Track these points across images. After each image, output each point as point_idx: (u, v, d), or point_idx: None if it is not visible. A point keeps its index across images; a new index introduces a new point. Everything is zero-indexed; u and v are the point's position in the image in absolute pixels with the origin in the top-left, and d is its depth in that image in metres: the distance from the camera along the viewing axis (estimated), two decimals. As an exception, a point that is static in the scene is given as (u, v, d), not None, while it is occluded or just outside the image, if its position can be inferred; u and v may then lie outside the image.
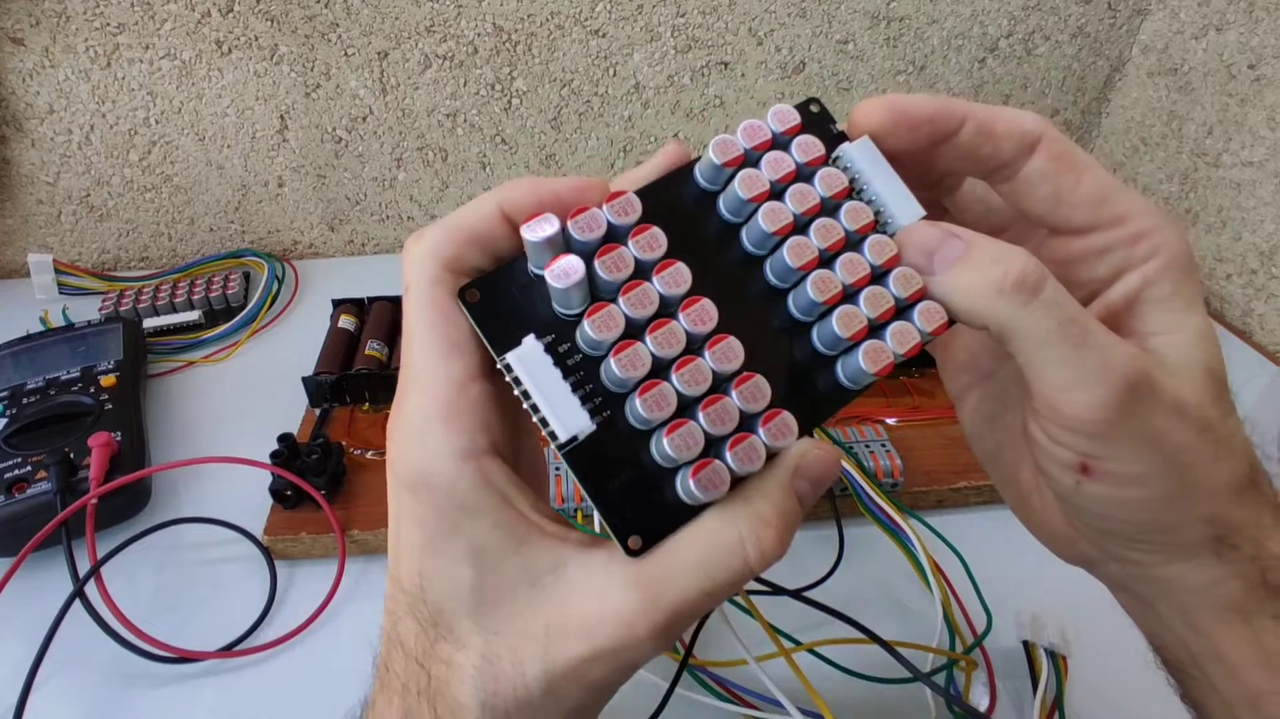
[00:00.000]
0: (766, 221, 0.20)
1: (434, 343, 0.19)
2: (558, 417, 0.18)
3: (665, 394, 0.18)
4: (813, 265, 0.20)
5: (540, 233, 0.18)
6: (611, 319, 0.18)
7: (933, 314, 0.20)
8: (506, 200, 0.20)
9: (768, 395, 0.19)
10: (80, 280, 0.63)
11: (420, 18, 0.60)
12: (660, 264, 0.19)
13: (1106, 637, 0.37)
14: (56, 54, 0.58)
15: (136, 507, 0.43)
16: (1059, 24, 0.68)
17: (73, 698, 0.35)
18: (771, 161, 0.21)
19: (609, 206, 0.19)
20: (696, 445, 0.18)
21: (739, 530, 0.18)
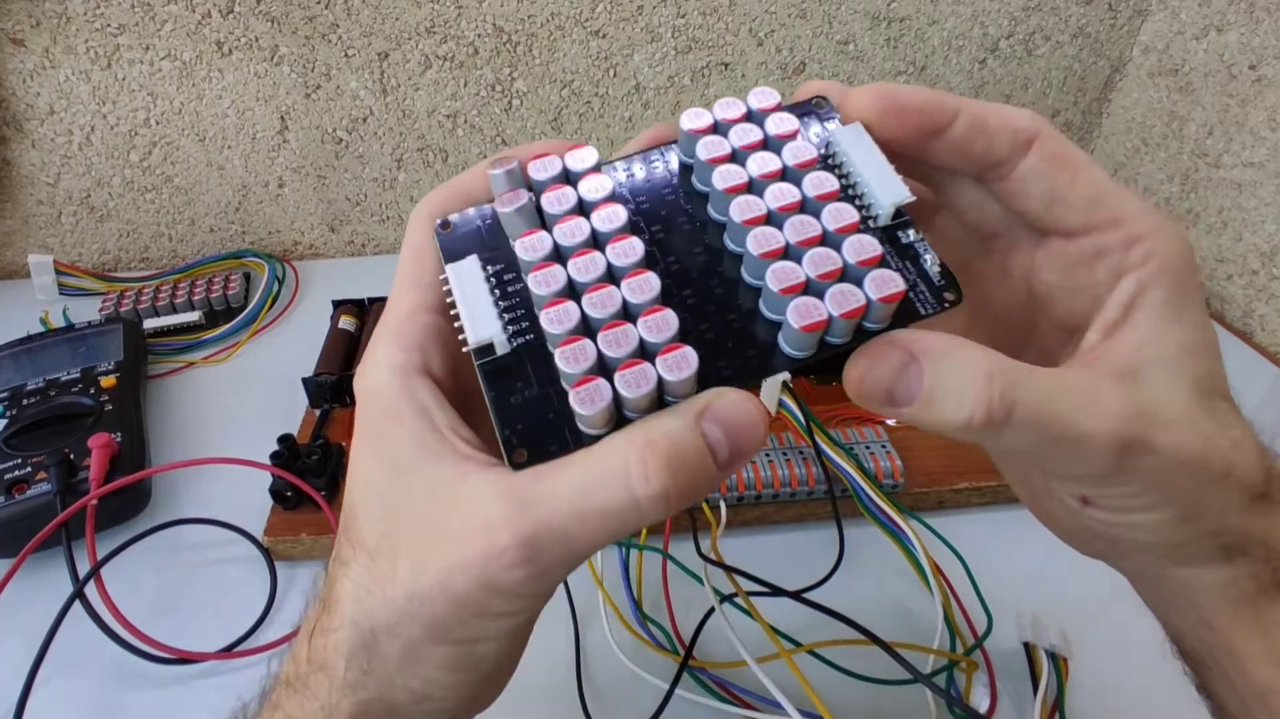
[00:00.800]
0: (719, 180, 0.20)
1: (403, 278, 0.21)
2: (472, 323, 0.19)
3: (569, 311, 0.19)
4: (758, 222, 0.20)
5: (500, 168, 0.21)
6: (540, 243, 0.20)
7: (885, 282, 0.19)
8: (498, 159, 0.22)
9: (673, 329, 0.18)
10: (80, 281, 0.63)
11: (421, 19, 0.60)
12: (600, 204, 0.20)
13: (1107, 638, 0.37)
14: (57, 55, 0.58)
15: (136, 507, 0.43)
16: (1059, 24, 0.68)
17: (73, 699, 0.35)
18: (740, 132, 0.21)
19: (568, 155, 0.21)
20: (586, 360, 0.18)
21: (624, 455, 0.17)
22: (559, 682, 0.35)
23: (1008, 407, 0.18)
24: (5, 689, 0.34)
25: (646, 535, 0.39)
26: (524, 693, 0.35)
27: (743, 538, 0.42)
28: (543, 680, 0.35)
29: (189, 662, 0.35)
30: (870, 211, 0.21)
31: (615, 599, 0.37)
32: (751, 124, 0.22)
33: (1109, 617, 0.38)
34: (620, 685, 0.35)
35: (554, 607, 0.38)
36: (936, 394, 0.18)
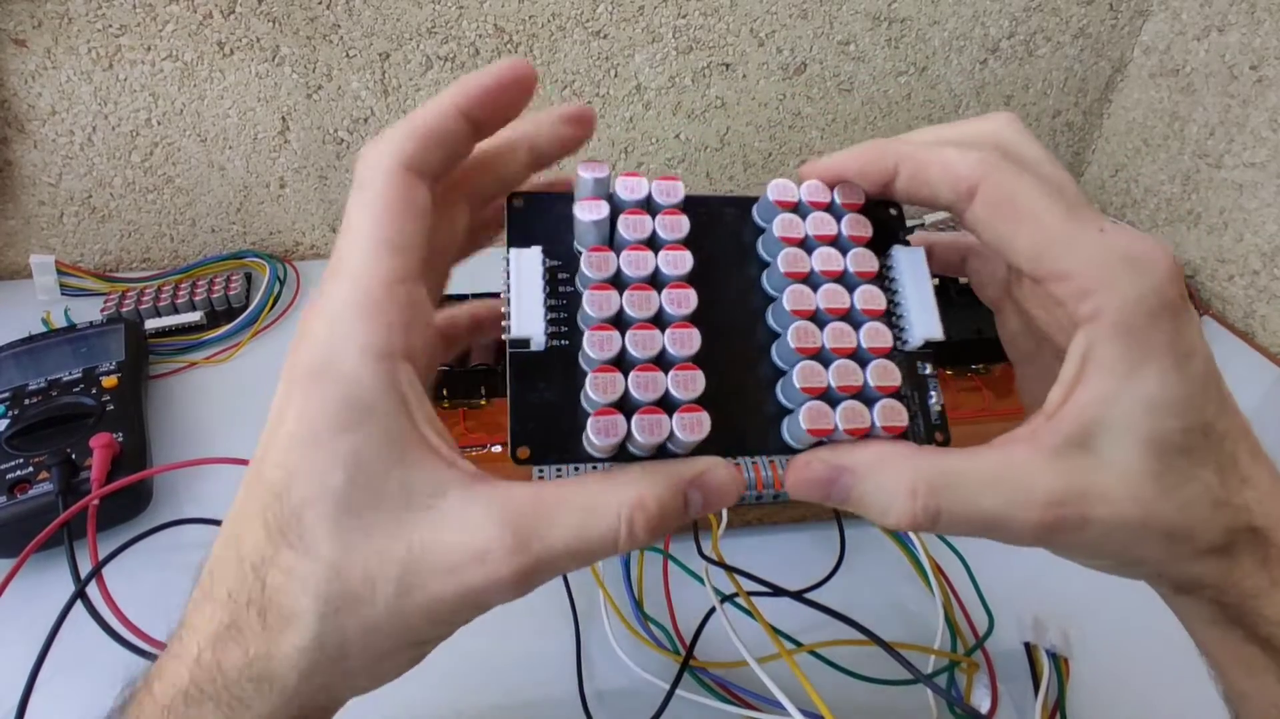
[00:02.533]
0: (784, 263, 0.21)
1: (374, 237, 0.19)
2: (519, 315, 0.20)
3: (612, 340, 0.20)
4: (806, 315, 0.21)
5: (592, 173, 0.21)
6: (606, 263, 0.20)
7: (892, 413, 0.21)
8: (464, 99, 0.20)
9: (699, 390, 0.20)
10: (82, 281, 0.63)
11: (422, 19, 0.60)
12: (671, 244, 0.21)
13: (1108, 639, 0.37)
14: (59, 55, 0.58)
15: (138, 507, 0.43)
16: (1060, 25, 0.68)
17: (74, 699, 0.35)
18: (817, 220, 0.22)
19: (657, 184, 0.22)
20: (612, 394, 0.19)
21: (619, 508, 0.18)
22: (560, 681, 0.35)
23: (932, 515, 0.19)
24: (7, 689, 0.34)
25: (647, 536, 0.39)
26: (525, 693, 0.35)
27: (744, 538, 0.42)
28: (543, 680, 0.35)
29: (190, 661, 0.35)
30: (902, 334, 0.22)
31: (616, 599, 0.37)
32: (830, 215, 0.22)
33: (1110, 617, 0.38)
34: (621, 685, 0.35)
35: (555, 606, 0.38)
36: (866, 503, 0.19)
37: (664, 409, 0.20)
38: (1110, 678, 0.35)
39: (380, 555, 0.18)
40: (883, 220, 0.23)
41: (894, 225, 0.23)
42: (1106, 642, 0.37)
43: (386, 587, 0.18)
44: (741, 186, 0.73)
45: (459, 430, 0.46)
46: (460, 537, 0.18)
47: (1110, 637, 0.37)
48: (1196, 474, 0.19)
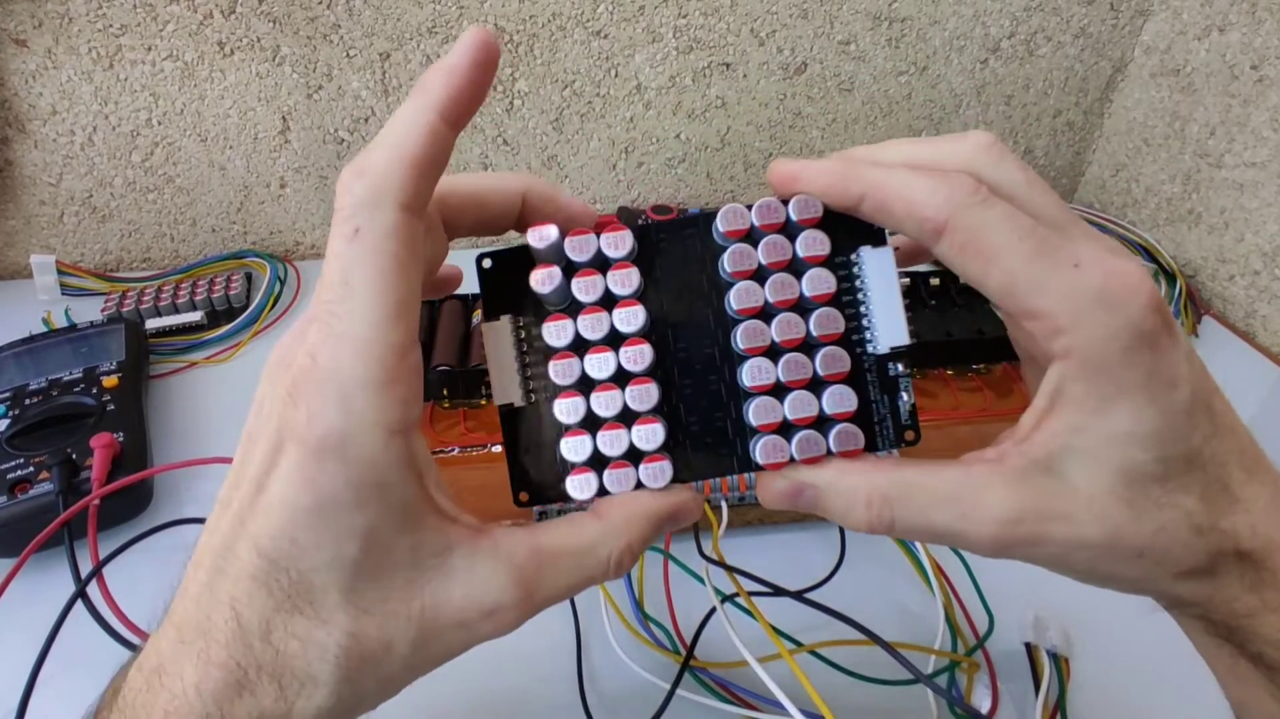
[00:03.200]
0: (736, 298, 0.22)
1: (383, 299, 0.17)
2: (500, 385, 0.23)
3: (577, 406, 0.22)
4: (759, 352, 0.22)
5: (542, 241, 0.22)
6: (563, 330, 0.22)
7: (847, 438, 0.22)
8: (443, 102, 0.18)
9: (659, 441, 0.22)
10: (82, 281, 0.63)
11: (422, 19, 0.60)
12: (624, 300, 0.22)
13: (1109, 639, 0.37)
14: (59, 55, 0.58)
15: (138, 507, 0.43)
16: (1061, 25, 0.68)
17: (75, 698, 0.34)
18: (770, 246, 0.22)
19: (604, 238, 0.22)
20: (584, 453, 0.22)
21: (610, 552, 0.21)
22: (560, 682, 0.35)
23: (886, 523, 0.20)
24: (7, 689, 0.34)
25: (648, 535, 0.39)
26: (525, 693, 0.35)
27: (744, 538, 0.42)
28: (544, 680, 0.35)
29: (191, 661, 0.35)
30: (870, 343, 0.22)
31: (616, 599, 0.37)
32: (783, 237, 0.22)
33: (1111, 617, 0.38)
34: (622, 685, 0.35)
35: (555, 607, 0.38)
36: (830, 511, 0.21)
37: (631, 460, 0.22)
38: (1111, 678, 0.35)
39: (395, 617, 0.18)
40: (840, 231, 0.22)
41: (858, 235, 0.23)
42: (1107, 642, 0.37)
43: (403, 648, 0.19)
44: (742, 187, 0.73)
45: (459, 430, 0.46)
46: (469, 594, 0.19)
47: (1111, 637, 0.37)
48: (1174, 500, 0.19)
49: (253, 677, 0.18)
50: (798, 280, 0.22)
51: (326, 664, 0.18)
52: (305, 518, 0.17)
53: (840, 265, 0.22)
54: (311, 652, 0.18)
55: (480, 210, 0.22)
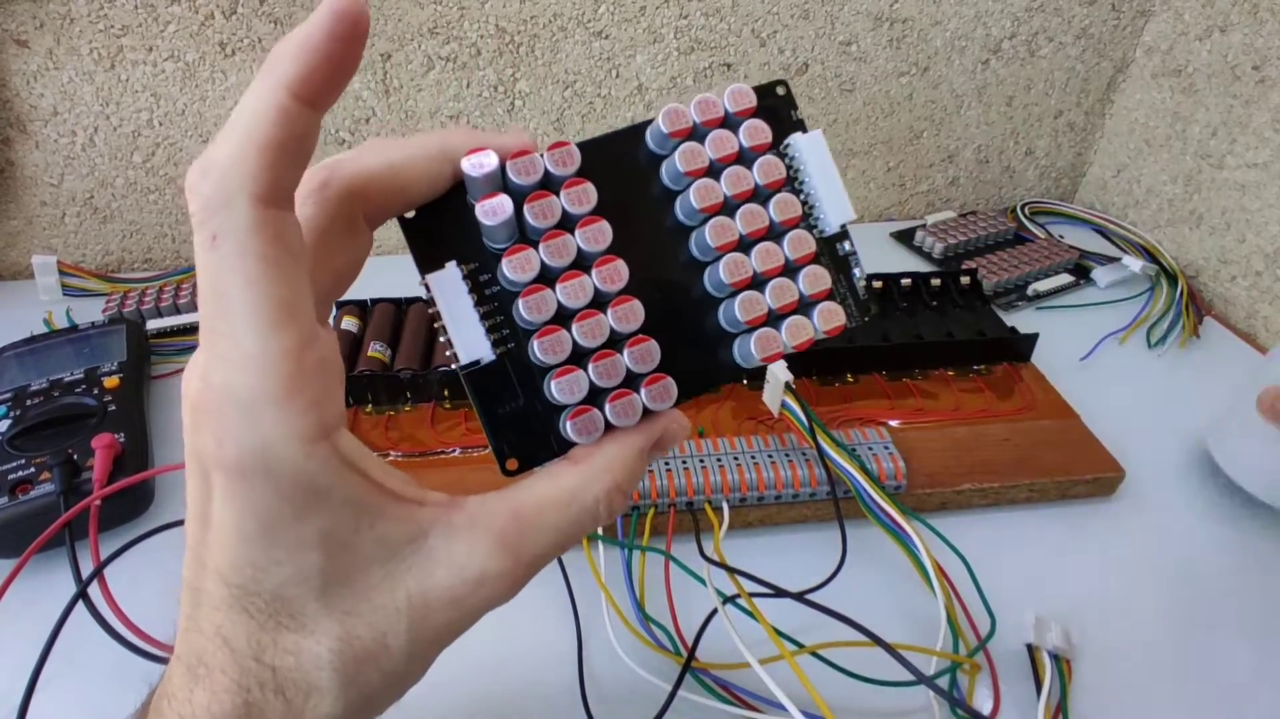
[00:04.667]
0: (697, 197, 0.21)
1: (260, 306, 0.15)
2: (461, 340, 0.20)
3: (562, 341, 0.20)
4: (731, 247, 0.21)
5: (480, 169, 0.19)
6: (528, 262, 0.20)
7: (831, 315, 0.22)
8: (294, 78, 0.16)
9: (656, 359, 0.20)
10: (84, 282, 0.63)
11: (423, 19, 0.60)
12: (586, 219, 0.20)
13: (1110, 640, 0.37)
14: (60, 56, 0.58)
15: (140, 508, 0.43)
16: (1062, 25, 0.68)
17: (76, 699, 0.35)
18: (716, 140, 0.22)
19: (549, 155, 0.20)
20: (580, 392, 0.20)
21: (596, 497, 0.19)
22: (562, 682, 0.35)
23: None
24: (9, 689, 0.34)
25: (649, 537, 0.39)
26: (526, 693, 0.35)
27: (745, 539, 0.42)
28: (545, 681, 0.35)
29: (192, 662, 0.35)
30: (817, 223, 0.23)
31: (618, 600, 0.37)
32: (728, 130, 0.22)
33: (1112, 618, 0.38)
34: (623, 686, 0.35)
35: (556, 607, 0.38)
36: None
37: (630, 386, 0.20)
38: (1112, 679, 0.35)
39: (383, 612, 0.18)
40: (773, 108, 0.23)
41: (785, 108, 0.23)
42: (1109, 643, 0.37)
43: (398, 639, 0.18)
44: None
45: (460, 431, 0.46)
46: (453, 571, 0.18)
47: (1112, 638, 0.37)
48: None
49: (258, 695, 0.18)
50: (749, 171, 0.22)
51: (324, 672, 0.18)
52: (256, 541, 0.17)
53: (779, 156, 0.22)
54: (306, 663, 0.18)
55: (402, 184, 0.19)
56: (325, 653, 0.18)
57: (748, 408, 0.47)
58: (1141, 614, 0.39)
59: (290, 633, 0.17)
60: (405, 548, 0.18)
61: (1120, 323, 0.59)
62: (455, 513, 0.19)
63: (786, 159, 0.23)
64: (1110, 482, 0.44)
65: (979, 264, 0.64)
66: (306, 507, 0.17)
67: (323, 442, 0.17)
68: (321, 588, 0.17)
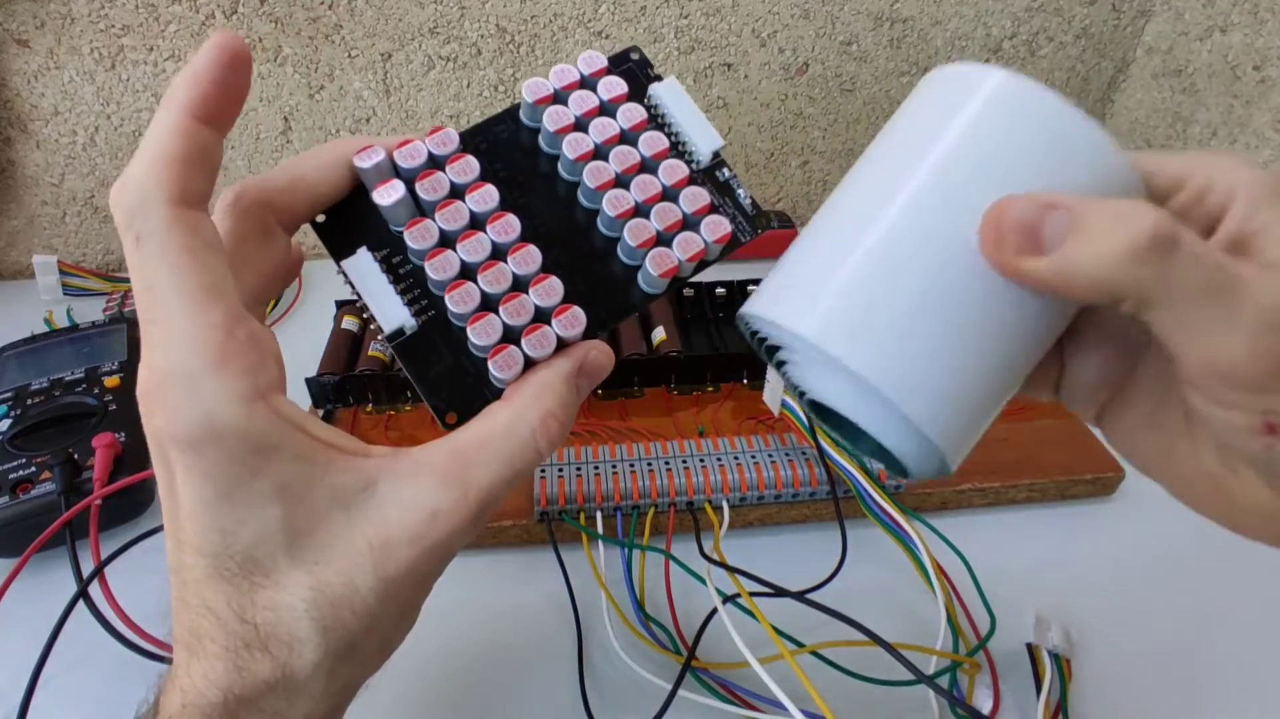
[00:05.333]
0: (570, 149, 0.23)
1: (186, 289, 0.18)
2: (382, 312, 0.22)
3: (470, 291, 0.22)
4: (610, 185, 0.23)
5: (368, 160, 0.22)
6: (427, 231, 0.22)
7: (716, 226, 0.23)
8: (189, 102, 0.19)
9: (560, 293, 0.22)
10: (84, 281, 0.63)
11: (424, 19, 0.60)
12: (472, 186, 0.23)
13: (1110, 639, 0.37)
14: (61, 56, 0.58)
15: (140, 507, 0.43)
16: (1063, 25, 0.68)
17: (76, 698, 0.35)
18: (577, 99, 0.24)
19: (429, 139, 0.23)
20: (495, 333, 0.21)
21: (530, 426, 0.21)
22: (562, 682, 0.35)
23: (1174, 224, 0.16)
24: (10, 688, 0.34)
25: (649, 536, 0.39)
26: (526, 693, 0.35)
27: (745, 538, 0.42)
28: (545, 681, 0.35)
29: (192, 661, 0.35)
30: (692, 156, 0.25)
31: (618, 600, 0.37)
32: (586, 90, 0.24)
33: (1112, 618, 0.38)
34: (623, 686, 0.35)
35: (557, 607, 0.38)
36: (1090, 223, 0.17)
37: (541, 321, 0.22)
38: (1113, 678, 0.35)
39: (348, 556, 0.19)
40: (629, 71, 0.25)
41: (641, 69, 0.26)
42: (1109, 642, 0.37)
43: (365, 578, 0.19)
44: (743, 187, 0.73)
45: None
46: (404, 509, 0.19)
47: (1112, 637, 0.37)
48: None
49: (245, 656, 0.19)
50: (613, 120, 0.24)
51: (301, 622, 0.19)
52: (218, 506, 0.18)
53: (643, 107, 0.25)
54: (284, 615, 0.19)
55: (307, 192, 0.22)
56: (299, 603, 0.19)
57: (748, 407, 0.47)
58: (1141, 614, 0.39)
59: (265, 591, 0.19)
60: (358, 496, 0.19)
61: (1120, 323, 0.59)
62: (399, 460, 0.20)
63: (651, 109, 0.25)
64: (1110, 481, 0.44)
65: (979, 264, 0.64)
66: (257, 464, 0.18)
67: (260, 401, 0.18)
68: (287, 543, 0.19)
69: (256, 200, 0.21)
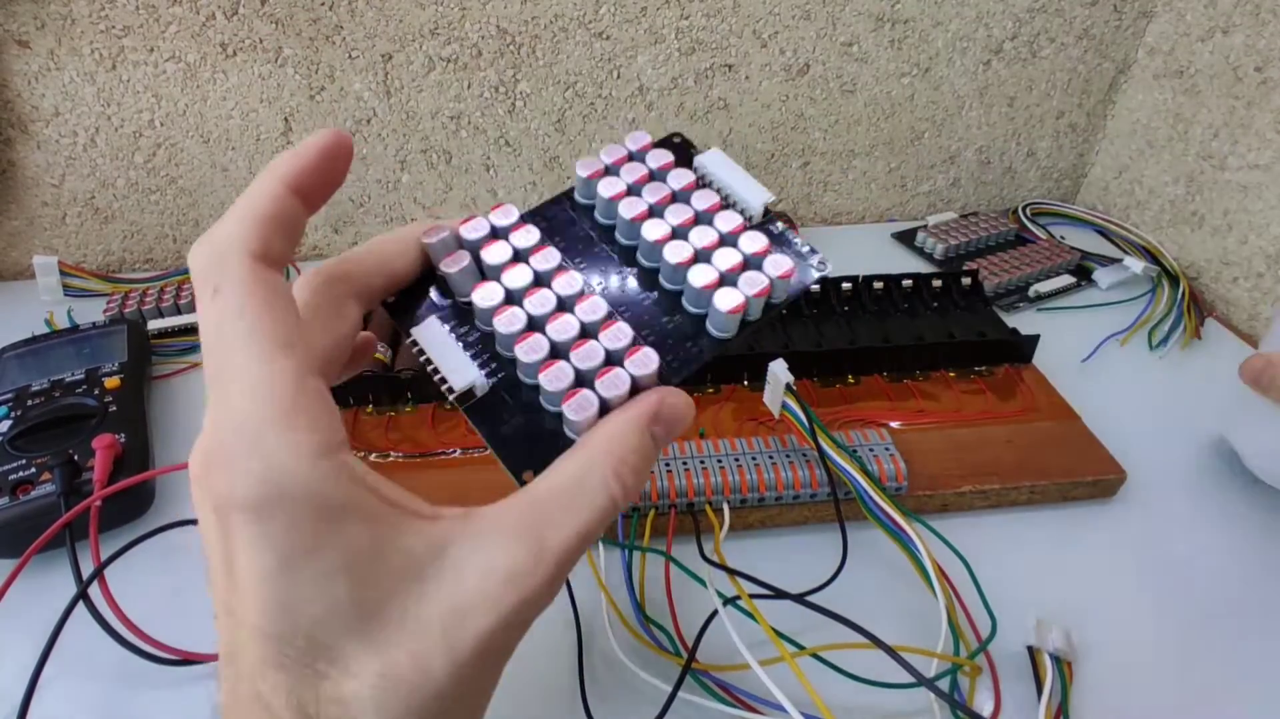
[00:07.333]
0: (625, 210, 0.24)
1: (259, 338, 0.17)
2: (452, 371, 0.22)
3: (538, 342, 0.22)
4: (667, 239, 0.24)
5: (435, 237, 0.23)
6: (493, 291, 0.23)
7: (779, 263, 0.23)
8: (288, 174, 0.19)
9: (629, 335, 0.22)
10: (85, 282, 0.63)
11: (424, 20, 0.60)
12: (535, 249, 0.23)
13: (1112, 642, 0.37)
14: (62, 57, 0.58)
15: (140, 508, 0.43)
16: (1064, 26, 0.68)
17: (76, 699, 0.35)
18: (628, 170, 0.25)
19: (491, 214, 0.24)
20: (567, 378, 0.21)
21: (603, 476, 0.20)
22: (561, 683, 0.35)
23: None
24: (10, 689, 0.34)
25: (650, 538, 0.39)
26: (526, 695, 0.35)
27: (746, 540, 0.42)
28: (545, 682, 0.35)
29: (193, 662, 0.35)
30: (745, 213, 0.25)
31: (618, 601, 0.37)
32: (635, 163, 0.26)
33: (1113, 620, 0.38)
34: (623, 687, 0.35)
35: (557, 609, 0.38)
36: None
37: (612, 363, 0.22)
38: (1114, 681, 0.35)
39: (419, 637, 0.17)
40: (674, 148, 0.27)
41: (683, 149, 0.27)
42: (1110, 645, 0.37)
43: (438, 659, 0.17)
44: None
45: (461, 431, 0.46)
46: (482, 574, 0.18)
47: (1113, 640, 0.37)
48: None
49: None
50: (664, 184, 0.25)
51: (369, 714, 0.17)
52: (281, 578, 0.17)
53: None
54: (352, 708, 0.17)
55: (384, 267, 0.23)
56: (367, 692, 0.17)
57: (748, 409, 0.47)
58: (1143, 616, 0.39)
59: (330, 681, 0.17)
60: (430, 564, 0.18)
61: (1122, 324, 0.59)
62: (470, 522, 0.19)
63: (698, 176, 0.26)
64: (1112, 483, 0.44)
65: (980, 265, 0.64)
66: (323, 531, 0.17)
67: (329, 458, 0.17)
68: (355, 622, 0.17)
69: (334, 273, 0.22)
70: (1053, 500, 0.44)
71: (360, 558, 0.17)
